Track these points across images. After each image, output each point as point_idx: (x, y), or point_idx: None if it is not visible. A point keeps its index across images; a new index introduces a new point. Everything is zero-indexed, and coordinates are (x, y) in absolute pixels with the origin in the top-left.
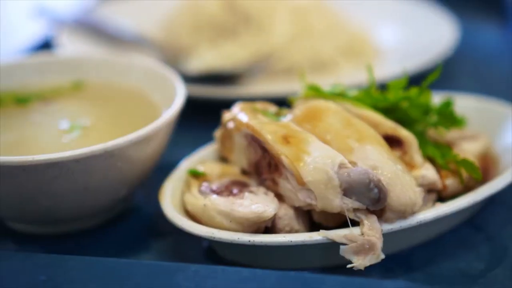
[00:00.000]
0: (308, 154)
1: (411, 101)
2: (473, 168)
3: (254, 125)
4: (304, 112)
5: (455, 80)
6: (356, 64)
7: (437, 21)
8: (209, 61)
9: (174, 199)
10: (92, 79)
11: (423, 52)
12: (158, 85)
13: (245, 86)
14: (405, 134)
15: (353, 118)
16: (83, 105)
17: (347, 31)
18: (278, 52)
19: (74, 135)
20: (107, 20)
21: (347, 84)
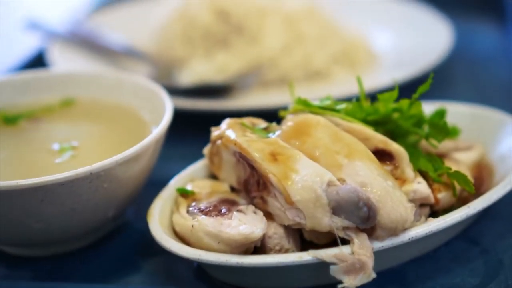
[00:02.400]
0: (296, 172)
1: (402, 113)
2: (466, 181)
3: (241, 143)
4: (293, 127)
5: (450, 85)
6: (350, 71)
7: (432, 24)
8: (201, 73)
9: (163, 219)
10: (81, 96)
11: (419, 57)
12: (147, 102)
13: (237, 98)
14: (396, 147)
15: (342, 132)
16: (73, 123)
17: (340, 38)
18: (270, 62)
19: (65, 156)
20: (98, 32)
21: (341, 94)
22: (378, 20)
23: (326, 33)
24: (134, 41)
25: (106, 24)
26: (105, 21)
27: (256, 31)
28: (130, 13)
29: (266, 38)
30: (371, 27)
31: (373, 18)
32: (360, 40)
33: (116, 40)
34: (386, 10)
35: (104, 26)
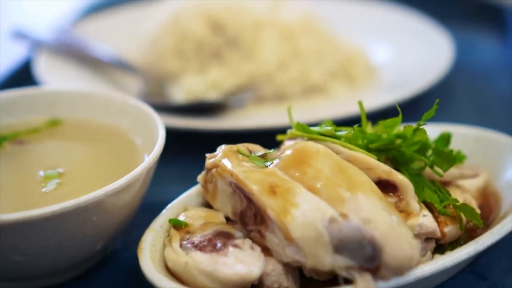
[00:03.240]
0: (296, 207)
1: (405, 139)
2: (474, 214)
3: (238, 174)
4: (292, 156)
5: (452, 100)
6: (348, 86)
7: (432, 37)
8: (194, 89)
9: (154, 253)
10: (69, 116)
11: (419, 72)
12: (138, 123)
13: (232, 116)
14: (400, 179)
15: (343, 162)
16: (60, 145)
17: (338, 51)
18: (266, 77)
19: (51, 184)
20: (87, 42)
21: (339, 113)
22: (377, 32)
23: (323, 47)
24: (124, 52)
25: (95, 32)
26: (94, 29)
27: (251, 45)
28: (119, 20)
29: (262, 53)
30: (369, 39)
31: (372, 30)
32: (359, 53)
33: (105, 51)
34: (385, 22)
35: (93, 35)
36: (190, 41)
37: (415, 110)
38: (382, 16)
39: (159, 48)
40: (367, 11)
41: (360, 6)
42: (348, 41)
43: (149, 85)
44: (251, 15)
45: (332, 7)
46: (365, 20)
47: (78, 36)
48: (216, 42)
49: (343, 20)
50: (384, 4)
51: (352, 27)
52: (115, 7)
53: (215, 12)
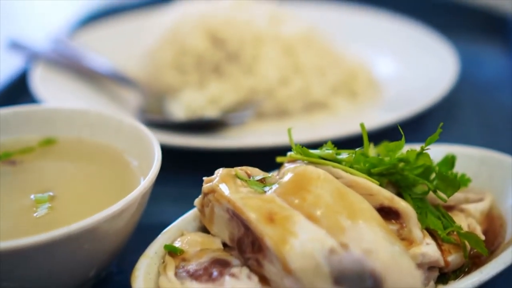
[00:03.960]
0: (295, 236)
1: (408, 163)
2: (479, 243)
3: (235, 201)
4: (291, 181)
5: (456, 116)
6: (351, 102)
7: (436, 50)
8: (194, 104)
9: (149, 281)
10: (63, 135)
11: (423, 87)
12: (134, 144)
13: (232, 133)
14: (403, 206)
15: (344, 188)
16: (53, 166)
17: (340, 66)
18: (267, 93)
19: (42, 209)
20: (84, 53)
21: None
22: (380, 45)
23: (325, 61)
24: (122, 63)
25: (92, 43)
26: (91, 40)
27: (251, 59)
28: (117, 31)
29: (262, 68)
30: (372, 51)
31: (375, 42)
32: (361, 68)
33: (103, 63)
34: (388, 34)
35: (90, 46)
36: (189, 55)
37: (419, 127)
38: (385, 28)
39: (158, 61)
40: (370, 23)
41: (363, 18)
42: (350, 54)
43: (147, 100)
44: (251, 29)
45: (334, 19)
46: (368, 32)
47: (75, 48)
48: (216, 56)
49: (345, 32)
50: (387, 15)
51: (354, 39)
52: (114, 16)
53: (215, 26)
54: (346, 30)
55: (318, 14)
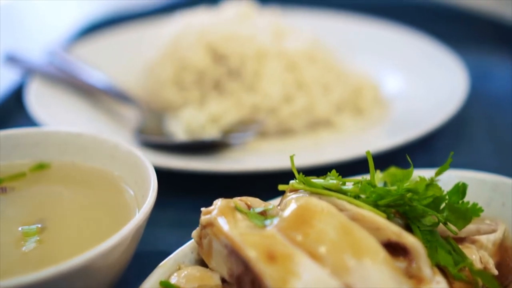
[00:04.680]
0: (297, 277)
1: (417, 194)
2: (491, 280)
3: (234, 238)
4: (294, 215)
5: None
6: (356, 119)
7: (445, 63)
8: (194, 123)
9: None
10: (56, 160)
11: (432, 103)
12: (129, 170)
13: (233, 153)
14: (412, 241)
15: (349, 222)
16: (45, 193)
17: (345, 82)
18: (270, 111)
19: (31, 242)
20: (82, 68)
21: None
22: (386, 58)
23: (329, 77)
24: (120, 78)
25: (90, 56)
26: (89, 52)
27: (254, 76)
28: (116, 43)
29: (265, 84)
30: (378, 65)
31: (381, 56)
32: (367, 83)
33: (100, 78)
34: (395, 47)
35: (88, 58)
36: (189, 70)
37: (426, 145)
38: (391, 39)
39: (157, 76)
40: (374, 33)
41: (367, 28)
42: (355, 68)
43: (146, 118)
44: (253, 45)
45: (338, 30)
46: (374, 44)
47: (72, 61)
48: (217, 72)
49: (349, 43)
50: (392, 25)
51: (359, 50)
52: (112, 28)
53: (216, 41)
54: (350, 41)
55: (322, 24)
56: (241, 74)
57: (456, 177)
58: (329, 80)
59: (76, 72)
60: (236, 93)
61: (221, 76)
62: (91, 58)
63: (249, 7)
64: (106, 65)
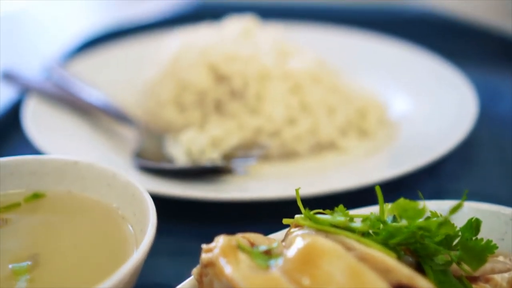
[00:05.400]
0: None
1: (430, 233)
2: None
3: (237, 281)
4: (299, 255)
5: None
6: (362, 140)
7: (452, 81)
8: (196, 148)
9: None
10: (52, 189)
11: (439, 126)
12: (127, 201)
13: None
14: (424, 285)
15: (358, 265)
16: (40, 225)
17: (350, 103)
18: (273, 134)
19: (21, 282)
20: (80, 85)
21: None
22: (391, 77)
23: (334, 99)
24: (119, 96)
25: (88, 72)
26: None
27: (256, 97)
28: (115, 58)
29: (268, 106)
30: (383, 85)
31: (386, 75)
32: (373, 104)
33: (99, 97)
34: (401, 65)
35: (86, 74)
36: (190, 91)
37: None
38: (396, 57)
39: (157, 97)
40: (379, 51)
41: (372, 44)
42: (360, 88)
43: (145, 140)
44: (256, 65)
45: (342, 46)
46: (378, 62)
47: (70, 78)
48: (219, 94)
49: (354, 61)
50: (397, 42)
51: (364, 69)
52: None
53: (218, 61)
54: (354, 58)
55: (325, 39)
56: (244, 96)
57: (469, 209)
58: (334, 102)
59: (74, 89)
60: (238, 115)
61: (223, 97)
62: (89, 75)
63: (251, 23)
64: (105, 81)
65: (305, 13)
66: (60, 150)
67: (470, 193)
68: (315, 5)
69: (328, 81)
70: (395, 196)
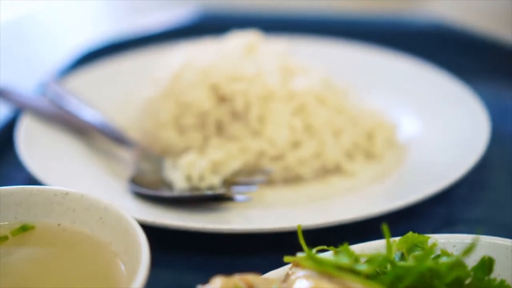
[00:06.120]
0: None
1: (440, 276)
2: None
3: None
4: None
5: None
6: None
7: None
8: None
9: None
10: (41, 221)
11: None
12: (119, 236)
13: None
14: None
15: None
16: (27, 260)
17: (356, 124)
18: (276, 158)
19: None
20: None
21: (359, 213)
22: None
23: (340, 121)
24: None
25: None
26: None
27: (259, 119)
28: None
29: (271, 129)
30: (389, 103)
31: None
32: (379, 125)
33: (95, 116)
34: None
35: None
36: (191, 112)
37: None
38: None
39: (156, 117)
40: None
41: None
42: (367, 106)
43: (142, 164)
44: (259, 85)
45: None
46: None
47: (66, 95)
48: (220, 115)
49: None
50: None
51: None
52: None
53: (220, 81)
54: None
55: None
56: (246, 117)
57: (481, 244)
58: (340, 123)
59: (70, 108)
60: (240, 137)
61: (225, 118)
62: (86, 91)
63: (255, 39)
64: (102, 98)
65: (310, 24)
66: (54, 174)
67: (482, 221)
68: (321, 16)
69: (334, 102)
70: (403, 224)
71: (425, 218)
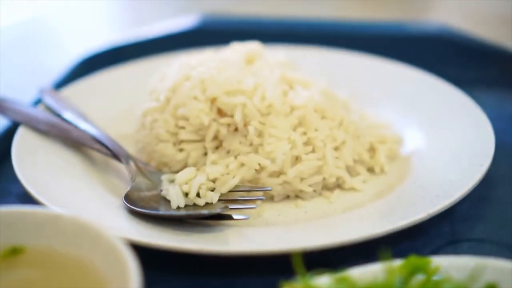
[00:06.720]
0: None
1: None
2: None
3: None
4: None
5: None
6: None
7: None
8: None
9: None
10: (32, 244)
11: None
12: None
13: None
14: None
15: None
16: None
17: (358, 138)
18: (276, 173)
19: None
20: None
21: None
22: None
23: (341, 135)
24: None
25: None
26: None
27: (259, 134)
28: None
29: (271, 144)
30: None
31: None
32: (384, 139)
33: (92, 129)
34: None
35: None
36: (189, 126)
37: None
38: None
39: (153, 131)
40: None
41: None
42: (370, 120)
43: (139, 179)
44: (259, 99)
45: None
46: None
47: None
48: (219, 129)
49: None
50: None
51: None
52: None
53: (219, 95)
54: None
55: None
56: (245, 132)
57: (485, 275)
58: (341, 137)
59: (67, 119)
60: (239, 152)
61: (223, 133)
62: (84, 101)
63: (255, 50)
64: (100, 109)
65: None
66: (48, 190)
67: (487, 239)
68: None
69: (335, 115)
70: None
71: (428, 235)
